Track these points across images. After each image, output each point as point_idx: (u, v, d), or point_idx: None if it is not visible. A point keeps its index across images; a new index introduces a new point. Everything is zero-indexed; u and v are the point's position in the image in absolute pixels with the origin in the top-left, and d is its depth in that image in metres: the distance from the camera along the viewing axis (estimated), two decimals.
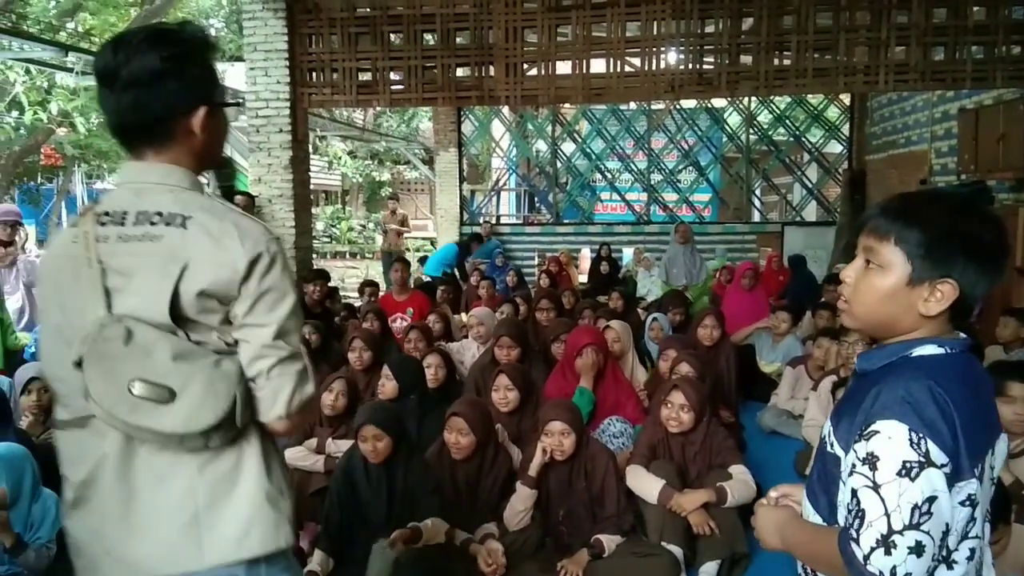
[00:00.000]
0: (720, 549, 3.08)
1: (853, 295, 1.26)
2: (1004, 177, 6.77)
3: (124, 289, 1.27)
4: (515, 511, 2.99)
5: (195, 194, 1.34)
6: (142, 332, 1.23)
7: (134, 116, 1.31)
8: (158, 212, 1.29)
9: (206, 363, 1.24)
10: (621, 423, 3.95)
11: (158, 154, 1.34)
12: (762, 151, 12.51)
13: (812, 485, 1.32)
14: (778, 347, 5.84)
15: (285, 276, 1.32)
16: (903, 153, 9.78)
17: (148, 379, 1.21)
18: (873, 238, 1.23)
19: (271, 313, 1.29)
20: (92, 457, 1.31)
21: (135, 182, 1.35)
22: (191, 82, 1.33)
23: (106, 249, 1.29)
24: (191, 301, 1.25)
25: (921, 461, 1.09)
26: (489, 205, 14.15)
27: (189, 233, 1.27)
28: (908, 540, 1.09)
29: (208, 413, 1.23)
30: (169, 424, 1.22)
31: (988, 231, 1.18)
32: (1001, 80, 6.10)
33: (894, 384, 1.15)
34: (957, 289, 1.17)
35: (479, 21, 6.65)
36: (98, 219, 1.32)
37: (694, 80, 6.55)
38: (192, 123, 1.34)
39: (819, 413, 4.18)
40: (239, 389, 1.26)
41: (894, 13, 6.14)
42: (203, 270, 1.25)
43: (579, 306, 6.10)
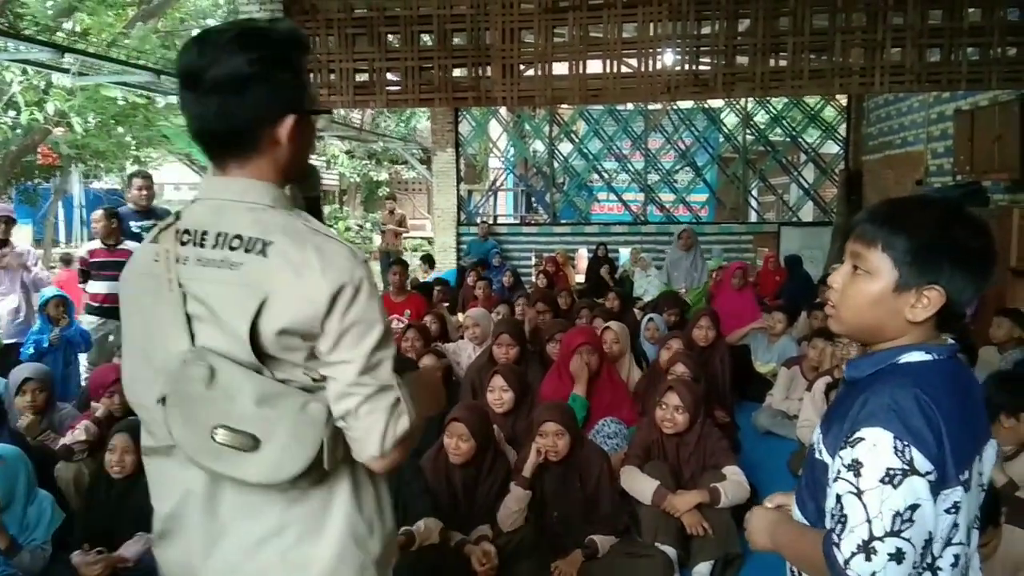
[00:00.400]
0: (713, 550, 3.09)
1: (841, 300, 1.27)
2: (999, 178, 6.78)
3: (205, 319, 1.19)
4: (509, 511, 3.00)
5: (275, 213, 1.22)
6: (225, 372, 1.15)
7: (218, 123, 1.21)
8: (237, 235, 1.19)
9: (291, 407, 1.16)
10: (616, 424, 3.96)
11: (241, 166, 1.24)
12: (759, 152, 12.53)
13: (801, 492, 1.33)
14: (773, 347, 5.86)
15: (372, 304, 1.20)
16: (899, 154, 9.80)
17: (231, 426, 1.13)
18: (860, 244, 1.23)
19: (356, 348, 1.18)
20: (178, 491, 1.25)
21: (214, 198, 1.25)
22: (280, 88, 1.22)
23: (186, 272, 1.20)
24: (271, 339, 1.16)
25: (905, 469, 1.10)
26: (486, 205, 14.16)
27: (269, 262, 1.16)
28: (888, 547, 1.10)
29: (294, 462, 1.15)
30: (254, 474, 1.15)
31: (975, 238, 1.19)
32: (996, 81, 6.11)
33: (880, 391, 1.16)
34: (944, 296, 1.17)
35: (476, 22, 6.65)
36: (179, 237, 1.23)
37: (690, 81, 6.56)
38: (279, 133, 1.23)
39: (813, 414, 4.19)
40: (327, 433, 1.17)
41: (890, 15, 6.15)
42: (283, 306, 1.15)
43: (576, 306, 6.12)
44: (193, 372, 1.15)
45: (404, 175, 21.64)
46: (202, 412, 1.15)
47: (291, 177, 1.31)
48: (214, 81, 1.18)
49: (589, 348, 4.11)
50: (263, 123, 1.22)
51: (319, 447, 1.16)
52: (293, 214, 1.24)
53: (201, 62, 1.19)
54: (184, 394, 1.15)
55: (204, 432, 1.14)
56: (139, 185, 5.73)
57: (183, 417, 1.16)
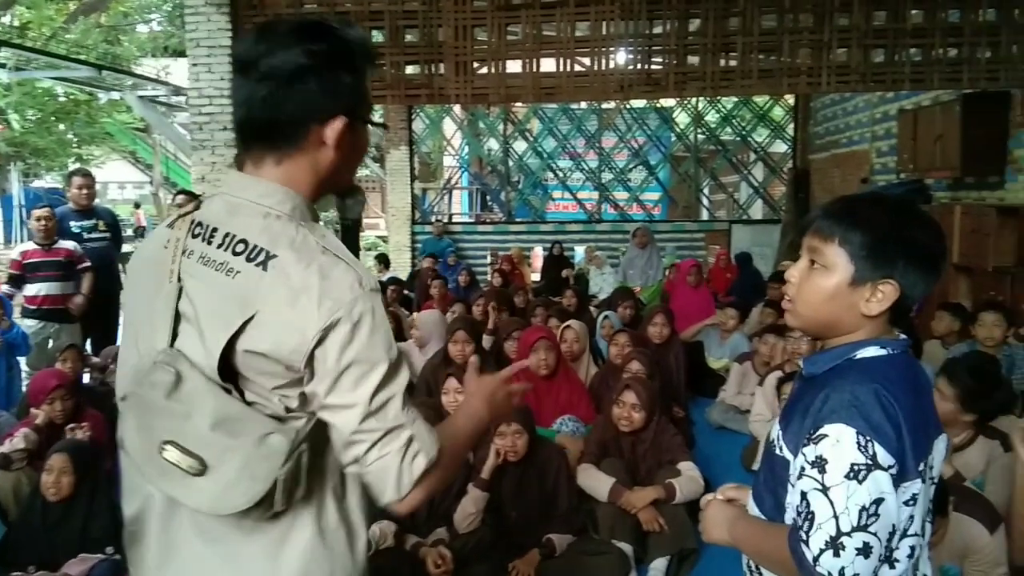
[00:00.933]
0: (669, 545, 3.11)
1: (798, 294, 1.28)
2: (941, 176, 6.99)
3: (191, 321, 1.11)
4: (466, 513, 2.97)
5: (290, 223, 1.13)
6: (192, 383, 1.06)
7: (264, 112, 1.13)
8: (243, 240, 1.11)
9: (250, 437, 1.06)
10: (573, 422, 3.97)
11: (278, 162, 1.16)
12: (710, 150, 12.71)
13: (759, 486, 1.34)
14: (726, 343, 5.93)
15: (375, 340, 1.10)
16: (845, 152, 10.04)
17: (181, 444, 1.05)
18: (818, 239, 1.25)
19: (356, 391, 1.09)
20: (141, 493, 1.18)
21: (233, 195, 1.17)
22: (336, 87, 1.15)
23: (187, 266, 1.13)
24: (247, 359, 1.08)
25: (868, 464, 1.11)
26: (441, 204, 14.10)
27: (267, 277, 1.08)
28: (856, 541, 1.11)
29: (239, 496, 1.05)
30: (194, 500, 1.07)
31: (928, 235, 1.22)
32: (938, 82, 6.29)
33: (841, 388, 1.17)
34: (898, 290, 1.20)
35: (428, 19, 6.60)
36: (192, 228, 1.16)
37: (643, 80, 6.61)
38: (326, 133, 1.15)
39: (765, 408, 4.26)
40: (284, 470, 1.06)
41: (836, 15, 6.28)
42: (268, 329, 1.07)
43: (532, 304, 6.11)
44: (158, 377, 1.07)
45: (358, 173, 21.42)
46: (155, 423, 1.07)
47: (329, 188, 1.22)
48: (268, 68, 1.12)
49: (547, 345, 4.10)
50: (311, 119, 1.15)
51: (271, 484, 1.06)
52: (309, 227, 1.15)
53: (258, 49, 1.13)
54: (143, 399, 1.08)
55: (153, 445, 1.07)
56: (79, 184, 5.55)
57: (137, 423, 1.09)
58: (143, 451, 1.08)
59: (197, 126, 6.57)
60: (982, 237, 5.79)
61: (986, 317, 4.19)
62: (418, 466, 1.12)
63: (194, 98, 6.57)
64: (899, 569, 1.19)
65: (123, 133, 17.56)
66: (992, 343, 4.13)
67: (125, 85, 11.62)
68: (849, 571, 1.11)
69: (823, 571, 1.12)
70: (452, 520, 3.04)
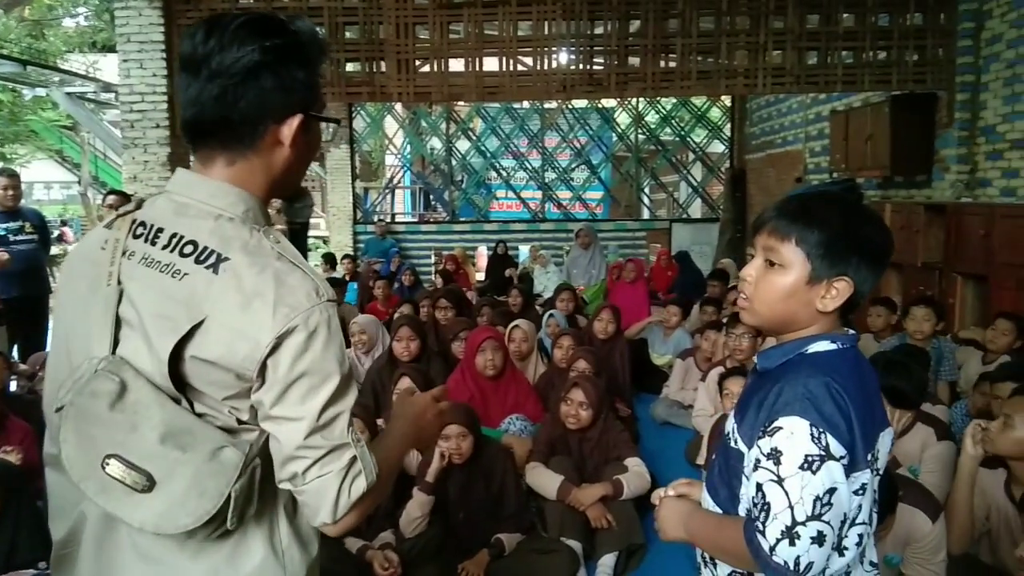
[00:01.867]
0: (617, 541, 3.13)
1: (755, 293, 1.30)
2: (872, 175, 7.23)
3: (134, 326, 1.04)
4: (411, 518, 2.93)
5: (242, 226, 1.08)
6: (138, 393, 1.00)
7: (217, 111, 1.08)
8: (192, 242, 1.05)
9: (201, 451, 1.00)
10: (521, 421, 3.96)
11: (230, 163, 1.11)
12: (650, 150, 12.89)
13: (713, 479, 1.36)
14: (669, 340, 6.02)
15: (328, 352, 1.05)
16: (780, 153, 10.30)
17: (126, 458, 0.98)
18: (774, 239, 1.27)
19: (304, 404, 1.03)
20: (72, 513, 1.10)
21: (180, 195, 1.11)
22: (292, 84, 1.10)
23: (128, 268, 1.06)
24: (196, 368, 1.03)
25: (821, 455, 1.14)
26: (383, 203, 13.96)
27: (218, 281, 1.03)
28: (811, 531, 1.13)
29: (188, 514, 0.99)
30: (139, 518, 1.00)
31: (878, 232, 1.26)
32: (869, 83, 6.52)
33: (795, 381, 1.19)
34: (852, 286, 1.23)
35: (369, 16, 6.53)
36: (133, 228, 1.10)
37: (584, 80, 6.67)
38: (282, 132, 1.12)
39: (708, 403, 4.33)
40: (237, 486, 1.01)
41: (771, 18, 6.45)
42: (218, 335, 1.02)
43: (478, 304, 6.10)
44: (100, 386, 1.00)
45: None
46: (98, 435, 0.99)
47: (281, 191, 1.18)
48: (220, 65, 1.06)
49: (494, 345, 4.09)
50: (267, 118, 1.10)
51: (223, 501, 1.00)
52: (263, 231, 1.10)
53: (208, 45, 1.06)
54: (84, 409, 1.00)
55: (94, 458, 0.99)
56: (4, 184, 5.29)
57: (76, 435, 1.00)
58: (82, 465, 1.00)
59: (128, 124, 6.37)
60: (911, 234, 6.01)
61: (916, 312, 4.35)
62: (357, 489, 1.06)
63: (125, 95, 6.37)
64: (848, 557, 1.22)
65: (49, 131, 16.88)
66: (921, 336, 4.29)
67: (51, 81, 11.19)
68: (804, 559, 1.14)
69: (779, 560, 1.14)
70: (396, 522, 3.01)
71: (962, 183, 6.19)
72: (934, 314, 4.31)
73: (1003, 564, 2.52)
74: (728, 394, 3.62)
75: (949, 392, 4.25)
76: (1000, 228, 5.15)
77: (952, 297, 5.68)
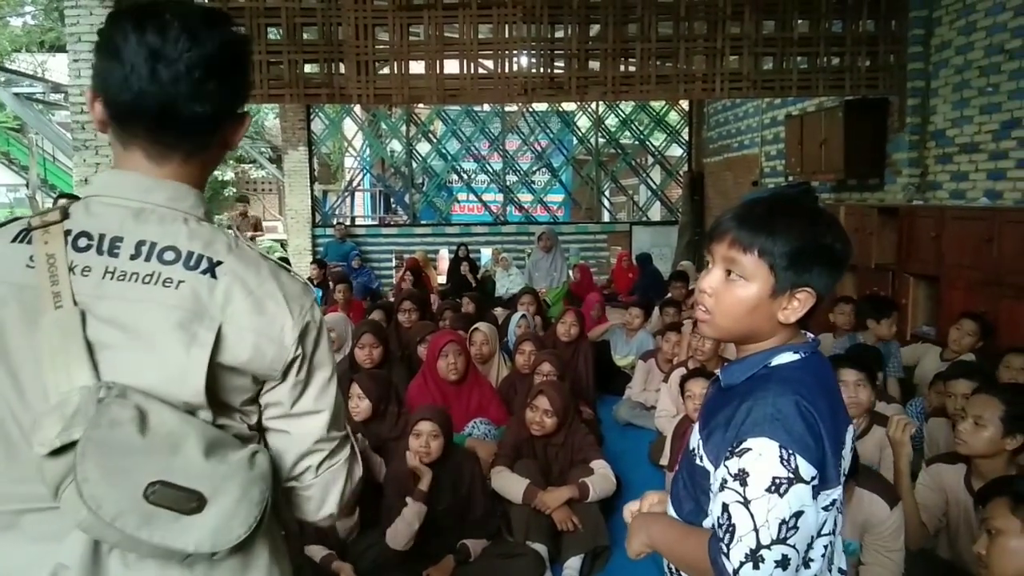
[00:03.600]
0: (583, 544, 3.13)
1: (715, 306, 1.25)
2: (826, 178, 7.38)
3: (120, 347, 0.95)
4: (410, 530, 2.85)
5: (214, 229, 1.04)
6: (159, 415, 0.93)
7: (191, 105, 1.00)
8: (171, 247, 0.99)
9: (241, 460, 0.97)
10: (485, 425, 3.95)
11: (185, 162, 1.04)
12: (610, 154, 12.97)
13: (677, 491, 1.33)
14: (632, 341, 6.06)
15: (328, 343, 1.08)
16: (737, 156, 10.46)
17: (173, 482, 0.92)
18: (735, 250, 1.22)
19: (324, 396, 1.04)
20: (40, 573, 0.95)
21: (133, 199, 1.01)
22: (246, 81, 1.07)
23: (87, 286, 0.96)
24: (223, 376, 0.98)
25: (790, 477, 1.12)
26: (343, 206, 13.81)
27: (221, 285, 0.98)
28: (775, 554, 1.11)
29: (242, 524, 0.95)
30: (194, 541, 0.93)
31: (839, 241, 1.22)
32: (823, 88, 6.65)
33: (763, 400, 1.16)
34: (814, 296, 1.21)
35: (327, 16, 6.46)
36: (71, 240, 0.98)
37: (545, 84, 6.68)
38: (235, 131, 1.09)
39: (670, 404, 4.37)
40: (271, 491, 1.00)
41: (728, 24, 6.54)
42: (243, 340, 0.98)
43: (440, 307, 6.06)
44: (118, 414, 0.91)
45: (252, 174, 20.70)
46: (136, 464, 0.91)
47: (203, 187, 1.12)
48: (192, 61, 0.99)
49: (456, 349, 4.06)
50: (228, 116, 1.06)
51: (265, 506, 0.98)
52: (224, 232, 1.06)
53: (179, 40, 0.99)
54: (107, 441, 0.90)
55: (135, 490, 0.90)
56: None
57: (104, 470, 0.89)
58: (118, 500, 0.90)
59: (79, 125, 6.20)
60: (865, 236, 6.14)
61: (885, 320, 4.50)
62: (357, 477, 1.09)
63: (75, 96, 6.21)
64: (814, 568, 1.20)
65: None
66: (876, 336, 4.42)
67: None
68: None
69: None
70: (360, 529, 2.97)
71: (913, 186, 6.35)
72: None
73: (961, 559, 2.57)
74: (691, 396, 3.65)
75: (899, 389, 4.35)
76: (950, 230, 5.29)
77: (905, 297, 5.82)
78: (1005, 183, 5.39)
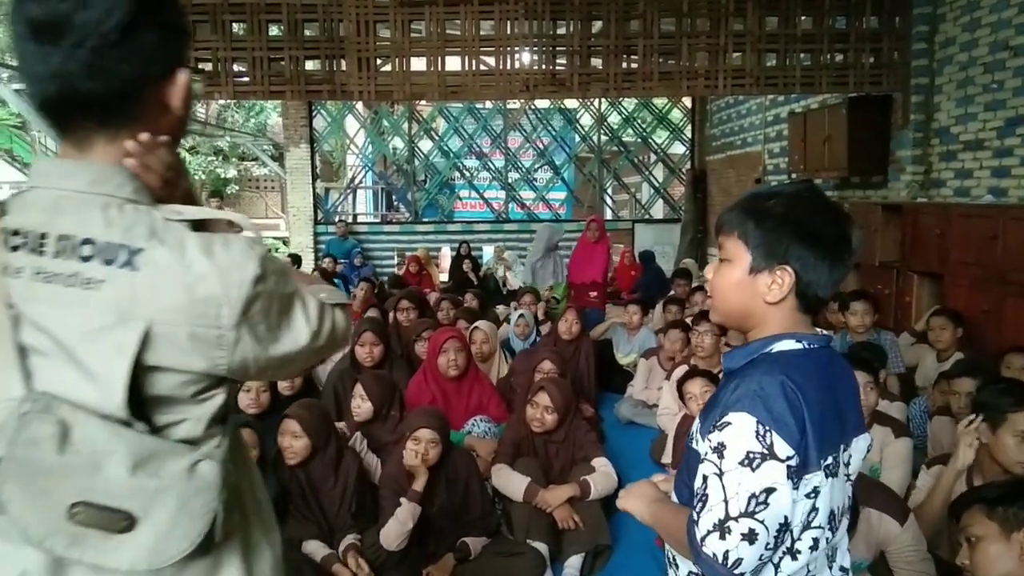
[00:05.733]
0: (584, 542, 3.11)
1: (712, 289, 1.34)
2: (829, 176, 7.34)
3: (50, 355, 0.89)
4: (402, 530, 2.83)
5: (138, 209, 0.93)
6: (84, 429, 0.87)
7: (92, 83, 0.90)
8: (87, 240, 0.89)
9: (177, 472, 0.90)
10: (485, 423, 3.93)
11: (112, 140, 0.94)
12: (612, 151, 12.94)
13: (680, 480, 1.36)
14: (634, 339, 6.03)
15: (284, 282, 0.99)
16: (740, 154, 10.42)
17: (96, 502, 0.87)
18: (722, 234, 1.30)
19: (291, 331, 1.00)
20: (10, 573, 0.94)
21: (53, 187, 0.93)
22: (171, 34, 0.95)
23: (20, 288, 0.90)
24: (159, 379, 0.91)
25: (764, 453, 1.13)
26: (345, 203, 13.80)
27: (141, 276, 0.89)
28: (742, 527, 1.13)
29: (180, 541, 0.90)
30: (127, 559, 0.89)
31: (820, 218, 1.23)
32: (826, 85, 6.62)
33: (750, 377, 1.19)
34: (794, 275, 1.22)
35: (328, 13, 6.44)
36: (7, 239, 0.92)
37: (547, 80, 6.66)
38: (170, 93, 0.97)
39: (672, 402, 4.34)
40: (220, 500, 0.93)
41: (731, 21, 6.51)
42: (173, 336, 0.90)
43: (436, 300, 6.06)
44: (37, 431, 0.86)
45: (255, 172, 20.71)
46: (55, 485, 0.87)
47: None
48: (87, 27, 0.88)
49: (456, 346, 4.04)
50: (150, 81, 0.95)
51: (212, 519, 0.92)
52: (160, 209, 0.96)
53: (63, 5, 0.88)
54: (26, 461, 0.86)
55: (57, 511, 0.87)
56: None
57: (25, 491, 0.86)
58: (42, 522, 0.87)
59: None
60: (869, 234, 6.10)
61: (856, 306, 4.52)
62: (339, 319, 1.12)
63: None
64: (801, 561, 1.21)
65: None
66: (863, 329, 4.48)
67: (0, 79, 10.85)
68: (733, 555, 1.13)
69: (708, 552, 1.14)
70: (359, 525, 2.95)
71: (917, 183, 6.32)
72: (872, 308, 4.52)
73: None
74: (691, 396, 3.62)
75: (899, 386, 4.31)
76: (954, 227, 5.25)
77: (909, 295, 5.79)
78: (1010, 180, 5.36)
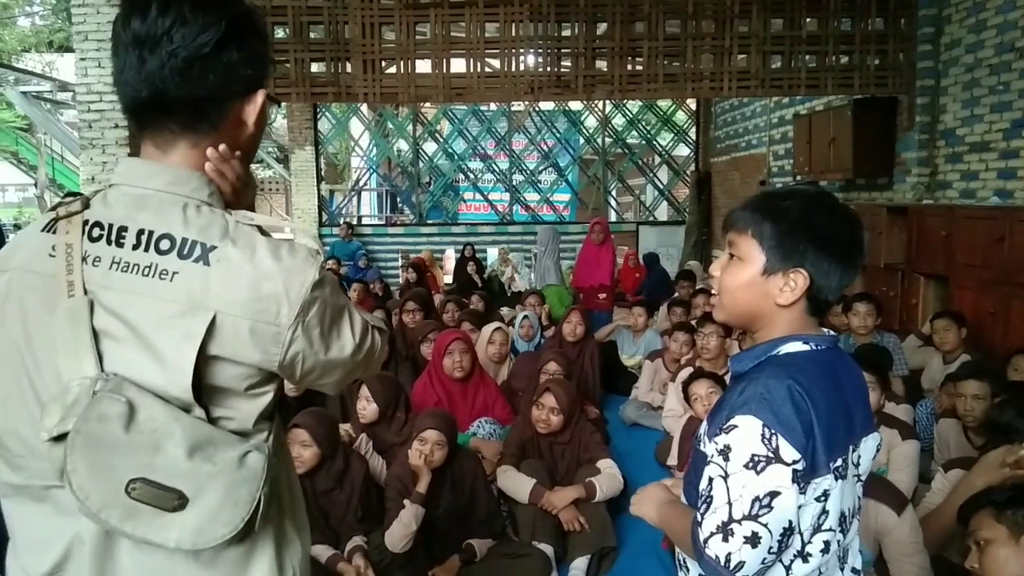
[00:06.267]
0: (590, 544, 3.10)
1: (720, 287, 1.32)
2: (834, 178, 7.33)
3: (123, 340, 0.96)
4: (406, 532, 2.82)
5: (213, 212, 1.03)
6: (148, 411, 0.93)
7: (181, 89, 1.00)
8: (166, 235, 0.98)
9: (230, 460, 0.96)
10: (491, 424, 3.93)
11: (193, 145, 1.04)
12: (617, 153, 12.95)
13: (688, 483, 1.35)
14: (639, 341, 6.03)
15: (338, 295, 1.07)
16: (744, 156, 10.41)
17: (154, 479, 0.93)
18: (734, 232, 1.29)
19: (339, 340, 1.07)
20: (60, 543, 1.01)
21: (136, 186, 1.02)
22: (253, 56, 1.05)
23: (97, 276, 0.97)
24: (219, 367, 0.98)
25: (769, 456, 1.13)
26: (349, 205, 13.83)
27: (214, 273, 0.97)
28: (745, 530, 1.13)
29: (225, 525, 0.96)
30: (174, 537, 0.95)
31: (837, 223, 1.24)
32: (831, 87, 6.61)
33: (757, 380, 1.19)
34: (808, 279, 1.22)
35: (334, 15, 6.46)
36: (87, 229, 0.99)
37: (552, 82, 6.67)
38: (247, 110, 1.07)
39: (677, 403, 4.33)
40: (264, 490, 0.98)
41: (736, 23, 6.51)
42: (236, 329, 0.97)
43: (441, 301, 6.06)
44: (107, 409, 0.92)
45: (260, 174, 20.77)
46: (117, 460, 0.92)
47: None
48: (183, 40, 0.98)
49: (461, 348, 4.05)
50: (232, 95, 1.05)
51: (254, 507, 0.98)
52: (232, 213, 1.05)
53: (167, 19, 0.98)
54: (94, 436, 0.92)
55: (117, 485, 0.92)
56: None
57: (89, 464, 0.92)
58: (102, 493, 0.93)
59: (86, 124, 6.21)
60: (874, 236, 6.09)
61: (859, 307, 4.53)
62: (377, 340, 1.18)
63: (83, 94, 6.21)
64: (813, 563, 1.21)
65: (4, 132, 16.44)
66: (865, 331, 4.48)
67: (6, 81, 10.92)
68: (735, 558, 1.13)
69: (711, 554, 1.14)
70: (366, 528, 2.95)
71: (923, 185, 6.31)
72: (875, 309, 4.52)
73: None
74: (696, 398, 3.62)
75: (904, 387, 4.30)
76: (960, 229, 5.24)
77: (915, 297, 5.78)
78: (1016, 182, 5.34)
